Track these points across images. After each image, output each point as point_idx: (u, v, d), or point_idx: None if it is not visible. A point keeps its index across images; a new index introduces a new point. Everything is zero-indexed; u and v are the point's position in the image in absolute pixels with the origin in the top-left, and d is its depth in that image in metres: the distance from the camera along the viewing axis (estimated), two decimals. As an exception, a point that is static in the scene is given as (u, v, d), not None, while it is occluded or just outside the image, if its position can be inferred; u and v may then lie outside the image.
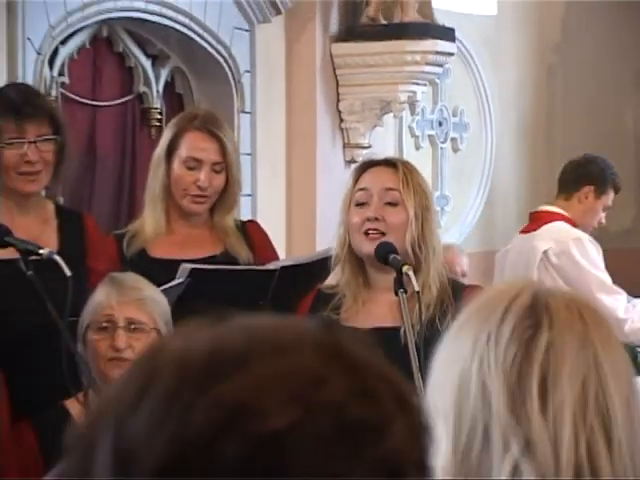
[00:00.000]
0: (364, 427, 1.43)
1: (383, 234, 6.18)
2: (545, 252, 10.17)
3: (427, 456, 1.53)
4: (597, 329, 2.65)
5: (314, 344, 1.51)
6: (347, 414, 1.41)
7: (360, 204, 6.23)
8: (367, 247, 6.21)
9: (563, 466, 2.38)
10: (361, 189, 6.31)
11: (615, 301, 9.88)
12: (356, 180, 6.42)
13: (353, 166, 7.88)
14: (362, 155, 10.40)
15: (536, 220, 10.50)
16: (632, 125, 13.22)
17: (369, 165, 6.60)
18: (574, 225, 10.25)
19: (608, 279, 9.96)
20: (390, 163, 6.65)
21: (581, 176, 10.37)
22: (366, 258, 6.25)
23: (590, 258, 10.28)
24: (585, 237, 10.25)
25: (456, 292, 6.24)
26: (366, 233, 6.20)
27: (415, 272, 5.98)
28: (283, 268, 7.16)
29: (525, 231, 10.45)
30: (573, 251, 10.35)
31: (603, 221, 10.23)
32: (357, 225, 6.19)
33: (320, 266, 6.92)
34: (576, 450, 2.38)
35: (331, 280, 6.61)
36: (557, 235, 10.38)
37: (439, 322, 6.06)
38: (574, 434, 2.40)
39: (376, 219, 6.18)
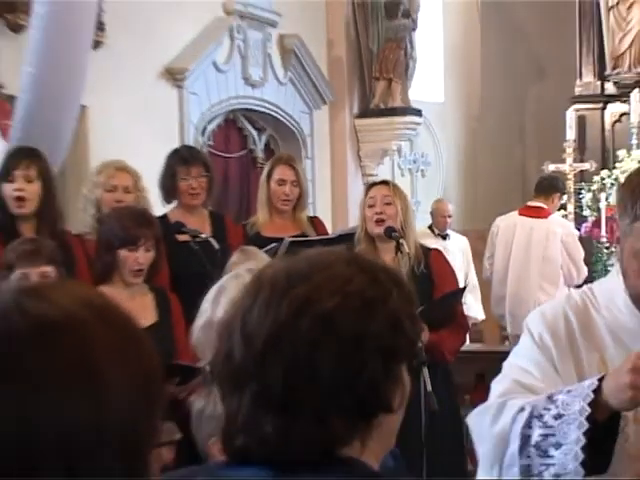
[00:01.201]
0: (376, 299, 2.00)
1: (384, 221, 7.46)
2: (560, 234, 11.86)
3: (415, 312, 2.15)
4: None
5: (343, 260, 2.10)
6: (366, 295, 1.99)
7: (370, 206, 7.61)
8: (377, 229, 7.55)
9: None
10: (370, 197, 7.69)
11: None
12: (367, 193, 7.90)
13: (366, 185, 9.45)
14: (371, 180, 12.60)
15: (534, 210, 12.03)
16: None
17: (374, 184, 8.20)
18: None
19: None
20: (385, 182, 8.32)
21: (552, 186, 12.09)
22: (376, 236, 7.55)
23: (576, 237, 12.30)
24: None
25: (425, 252, 7.71)
26: (375, 221, 7.50)
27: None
28: (339, 236, 8.39)
29: (528, 215, 12.02)
30: (573, 233, 12.33)
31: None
32: (370, 217, 7.55)
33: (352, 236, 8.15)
34: None
35: (354, 251, 8.10)
36: (562, 223, 12.39)
37: (417, 268, 7.50)
38: None
39: (380, 212, 7.50)
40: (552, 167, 14.49)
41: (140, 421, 1.41)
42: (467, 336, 8.74)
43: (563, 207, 14.14)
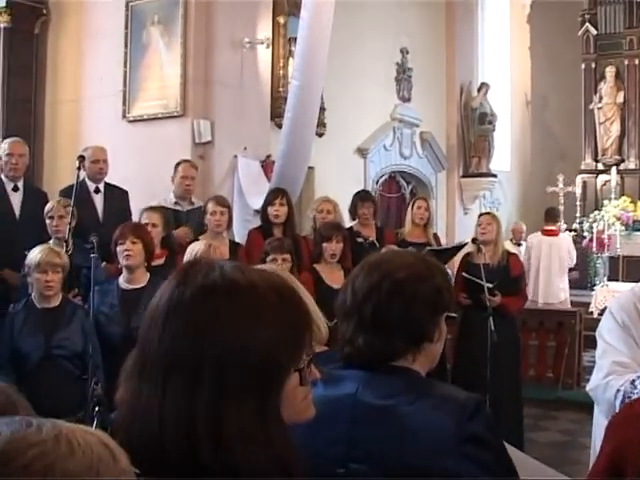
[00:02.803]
0: (427, 276, 2.39)
1: (485, 234, 8.31)
2: (567, 242, 12.70)
3: (451, 286, 2.42)
4: None
5: (411, 255, 2.50)
6: (421, 273, 2.40)
7: (479, 225, 8.36)
8: (481, 237, 8.22)
9: None
10: (480, 224, 8.48)
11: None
12: (479, 218, 8.63)
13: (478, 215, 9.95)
14: (468, 212, 15.85)
15: (551, 232, 12.65)
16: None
17: (482, 214, 8.89)
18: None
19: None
20: (489, 213, 9.11)
21: (556, 215, 13.05)
22: (480, 242, 8.21)
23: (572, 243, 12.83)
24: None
25: (508, 254, 8.46)
26: (481, 233, 8.28)
27: None
28: (453, 247, 9.17)
29: (548, 234, 12.61)
30: (571, 241, 13.09)
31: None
32: (478, 232, 8.36)
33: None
34: None
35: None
36: (566, 236, 13.34)
37: (501, 263, 8.29)
38: None
39: (484, 229, 8.40)
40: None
41: (281, 352, 1.57)
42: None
43: (572, 230, 16.41)
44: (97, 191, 8.43)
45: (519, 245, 13.71)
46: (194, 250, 6.32)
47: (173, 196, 8.63)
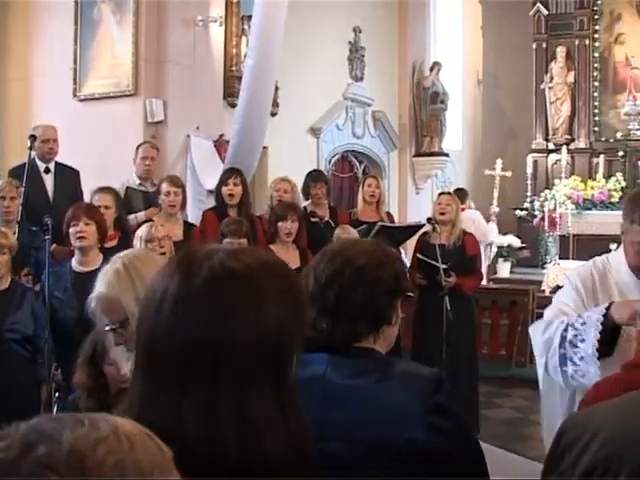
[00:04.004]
0: (386, 262, 2.54)
1: (444, 214, 8.44)
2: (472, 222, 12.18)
3: (406, 272, 3.22)
4: None
5: (370, 243, 2.66)
6: (381, 259, 2.52)
7: (439, 203, 8.48)
8: (439, 218, 8.36)
9: None
10: (439, 202, 8.47)
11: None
12: (438, 198, 8.60)
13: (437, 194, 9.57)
14: (421, 192, 15.91)
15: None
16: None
17: (441, 193, 8.92)
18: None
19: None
20: (449, 192, 9.12)
21: (463, 195, 12.37)
22: (439, 221, 8.30)
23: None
24: None
25: (463, 234, 8.47)
26: (439, 213, 8.41)
27: None
28: (407, 225, 9.65)
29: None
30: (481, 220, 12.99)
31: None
32: (436, 210, 8.41)
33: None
34: None
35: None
36: (474, 214, 13.06)
37: (457, 242, 8.31)
38: None
39: (443, 210, 8.45)
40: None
41: (288, 333, 1.60)
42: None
43: (523, 209, 16.71)
44: (47, 171, 8.35)
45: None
46: (138, 234, 6.33)
47: (136, 177, 8.64)
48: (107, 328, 2.91)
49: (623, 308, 3.43)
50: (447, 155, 16.62)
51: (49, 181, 8.27)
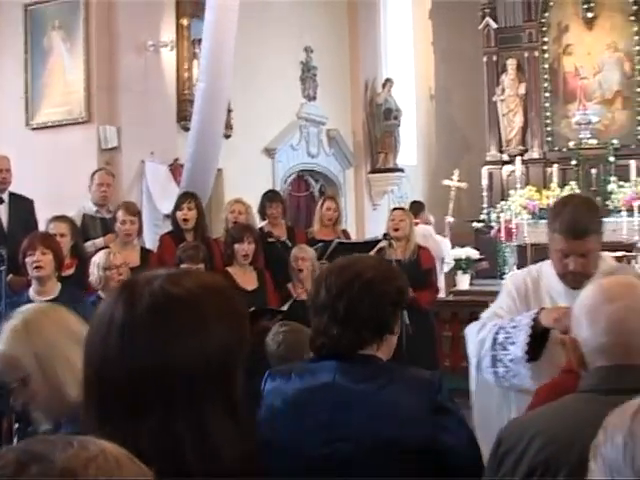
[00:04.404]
0: (391, 277, 2.79)
1: (399, 230, 8.46)
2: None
3: (407, 286, 2.86)
4: None
5: (375, 258, 3.56)
6: (386, 274, 2.76)
7: (392, 220, 8.53)
8: (394, 234, 8.35)
9: None
10: (392, 219, 8.55)
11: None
12: (391, 214, 8.76)
13: (390, 209, 9.99)
14: (378, 207, 15.81)
15: (416, 224, 10.50)
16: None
17: (395, 209, 9.04)
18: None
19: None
20: (402, 208, 9.29)
21: (418, 208, 12.42)
22: (394, 237, 8.33)
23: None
24: None
25: (419, 248, 8.50)
26: (394, 229, 8.40)
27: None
28: (365, 242, 9.47)
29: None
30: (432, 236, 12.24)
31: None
32: (390, 227, 8.46)
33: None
34: None
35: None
36: (426, 230, 12.11)
37: (412, 256, 8.35)
38: None
39: (397, 225, 8.45)
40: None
41: (233, 352, 1.64)
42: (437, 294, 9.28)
43: (480, 221, 16.77)
44: (1, 201, 8.33)
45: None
46: (96, 261, 6.33)
47: (92, 204, 8.59)
48: (11, 386, 2.85)
49: (551, 313, 3.56)
50: (402, 170, 16.74)
51: (3, 211, 8.27)
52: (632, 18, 17.61)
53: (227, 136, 11.48)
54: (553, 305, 3.83)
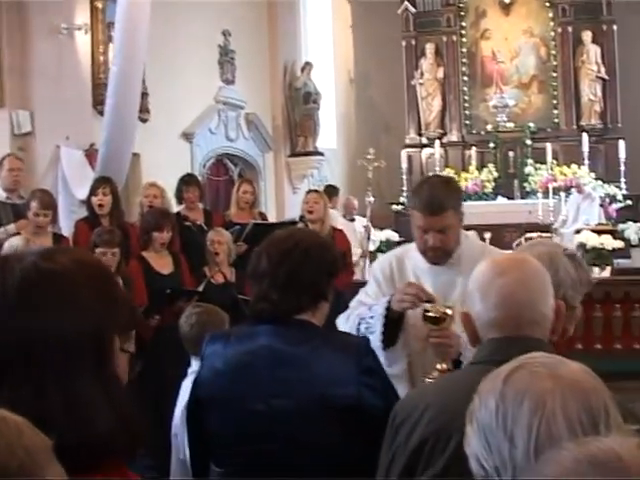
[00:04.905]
0: (327, 245, 3.13)
1: (313, 212, 8.57)
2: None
3: (339, 259, 3.13)
4: None
5: (308, 230, 5.10)
6: (323, 243, 3.03)
7: (306, 202, 8.61)
8: (308, 216, 8.48)
9: None
10: (306, 202, 8.68)
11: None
12: (305, 196, 8.83)
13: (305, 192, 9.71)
14: (298, 191, 15.54)
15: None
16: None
17: (309, 191, 9.23)
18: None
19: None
20: (316, 190, 9.42)
21: (331, 192, 12.43)
22: (308, 220, 8.39)
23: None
24: None
25: (333, 230, 8.62)
26: (308, 211, 8.54)
27: None
28: (281, 222, 9.61)
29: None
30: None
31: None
32: (305, 209, 8.53)
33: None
34: None
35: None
36: (334, 213, 12.47)
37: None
38: None
39: (311, 208, 8.54)
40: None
41: (106, 325, 1.66)
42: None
43: (400, 203, 16.84)
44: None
45: (352, 220, 13.61)
46: (12, 245, 6.25)
47: (2, 190, 8.50)
48: None
49: (396, 296, 3.68)
50: (322, 154, 16.78)
51: None
52: (547, 4, 18.23)
53: (144, 120, 11.43)
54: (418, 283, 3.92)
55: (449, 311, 3.51)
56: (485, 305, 2.42)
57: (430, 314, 3.50)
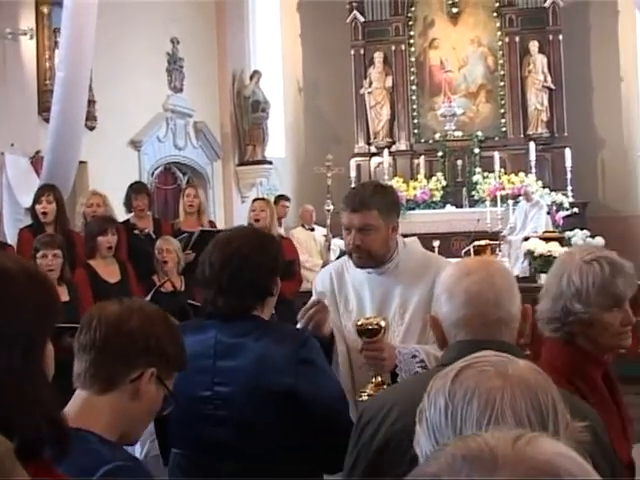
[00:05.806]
0: (266, 248, 3.19)
1: (259, 220, 8.54)
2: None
3: (280, 255, 3.27)
4: None
5: (252, 231, 3.46)
6: (263, 246, 3.14)
7: (253, 210, 8.64)
8: (256, 225, 8.29)
9: None
10: (253, 209, 8.67)
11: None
12: (252, 204, 8.89)
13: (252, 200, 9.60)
14: (246, 200, 15.31)
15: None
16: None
17: (255, 199, 9.16)
18: None
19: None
20: (262, 199, 9.32)
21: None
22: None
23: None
24: None
25: (280, 239, 8.18)
26: (255, 220, 8.51)
27: None
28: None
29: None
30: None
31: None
32: (252, 217, 8.62)
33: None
34: None
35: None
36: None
37: None
38: None
39: (258, 216, 8.57)
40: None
41: (39, 325, 1.75)
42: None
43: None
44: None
45: (312, 230, 13.63)
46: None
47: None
48: None
49: (301, 324, 3.65)
50: (271, 163, 16.78)
51: None
52: (494, 14, 18.39)
53: (91, 128, 11.42)
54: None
55: (383, 322, 3.49)
56: (452, 305, 2.45)
57: (363, 327, 3.48)
